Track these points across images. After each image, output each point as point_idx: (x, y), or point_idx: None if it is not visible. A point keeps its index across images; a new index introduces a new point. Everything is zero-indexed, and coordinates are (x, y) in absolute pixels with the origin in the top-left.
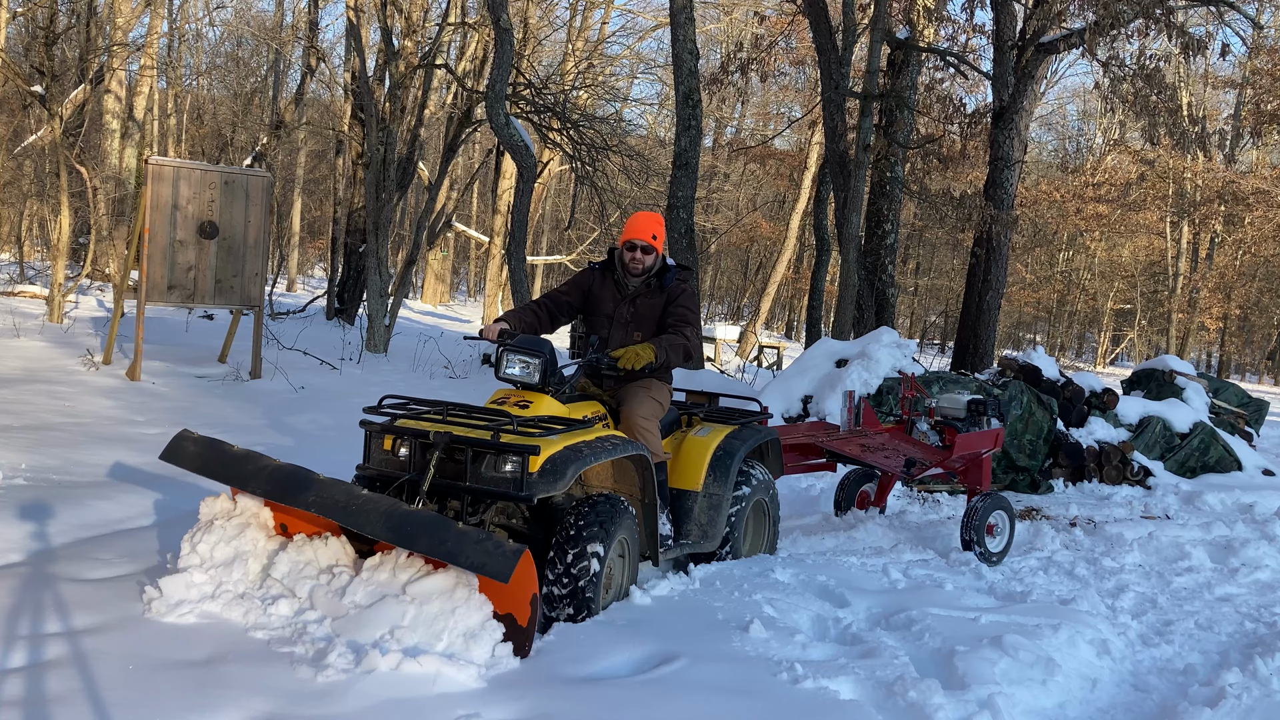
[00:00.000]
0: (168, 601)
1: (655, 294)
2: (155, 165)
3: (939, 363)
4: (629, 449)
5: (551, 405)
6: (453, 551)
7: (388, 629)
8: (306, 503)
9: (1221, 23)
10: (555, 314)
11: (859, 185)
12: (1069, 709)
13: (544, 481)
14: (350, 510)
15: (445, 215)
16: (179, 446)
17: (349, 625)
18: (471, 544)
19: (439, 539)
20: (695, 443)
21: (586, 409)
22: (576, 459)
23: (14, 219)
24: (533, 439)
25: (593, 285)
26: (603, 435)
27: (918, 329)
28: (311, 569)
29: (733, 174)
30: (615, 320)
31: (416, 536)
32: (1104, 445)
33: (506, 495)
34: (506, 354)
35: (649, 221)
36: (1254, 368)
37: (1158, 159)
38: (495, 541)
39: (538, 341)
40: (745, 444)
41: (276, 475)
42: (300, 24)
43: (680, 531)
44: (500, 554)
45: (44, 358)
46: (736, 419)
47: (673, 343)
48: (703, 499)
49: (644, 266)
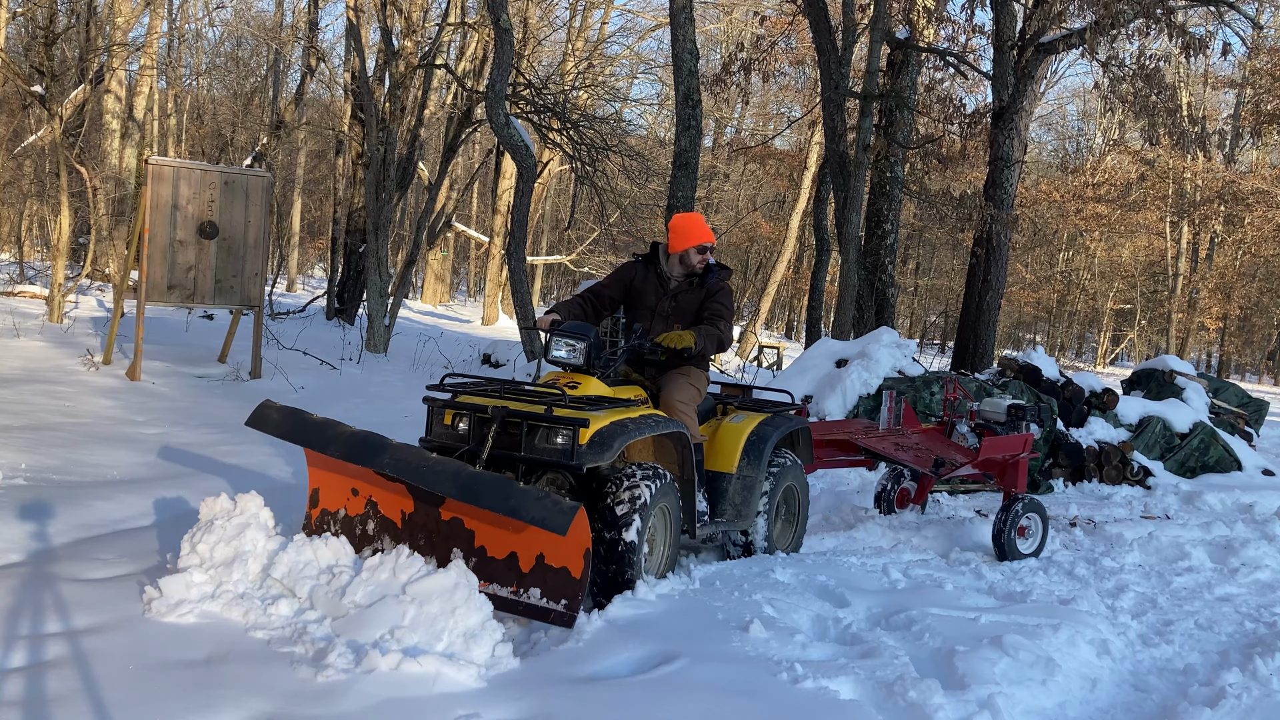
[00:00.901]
0: (168, 601)
1: (696, 290)
2: (155, 165)
3: (939, 363)
4: (670, 426)
5: (598, 386)
6: (515, 507)
7: (388, 629)
8: (381, 464)
9: (1221, 23)
10: (599, 307)
11: (859, 185)
12: (1069, 709)
13: (593, 452)
14: (421, 471)
15: (445, 215)
16: (263, 414)
17: (349, 625)
18: (532, 501)
19: (503, 496)
20: (730, 428)
21: (629, 392)
22: (622, 433)
23: (14, 219)
24: (582, 413)
25: (635, 279)
26: (646, 413)
27: (918, 329)
28: (311, 569)
29: (733, 174)
30: (657, 313)
31: (482, 494)
32: (1104, 445)
33: (558, 465)
34: (554, 338)
35: (704, 224)
36: (1254, 368)
37: (1158, 159)
38: (554, 499)
39: (583, 327)
40: (777, 430)
41: (353, 439)
42: (300, 24)
43: (716, 510)
44: (558, 509)
45: (44, 358)
46: (769, 408)
47: (709, 333)
48: (737, 480)
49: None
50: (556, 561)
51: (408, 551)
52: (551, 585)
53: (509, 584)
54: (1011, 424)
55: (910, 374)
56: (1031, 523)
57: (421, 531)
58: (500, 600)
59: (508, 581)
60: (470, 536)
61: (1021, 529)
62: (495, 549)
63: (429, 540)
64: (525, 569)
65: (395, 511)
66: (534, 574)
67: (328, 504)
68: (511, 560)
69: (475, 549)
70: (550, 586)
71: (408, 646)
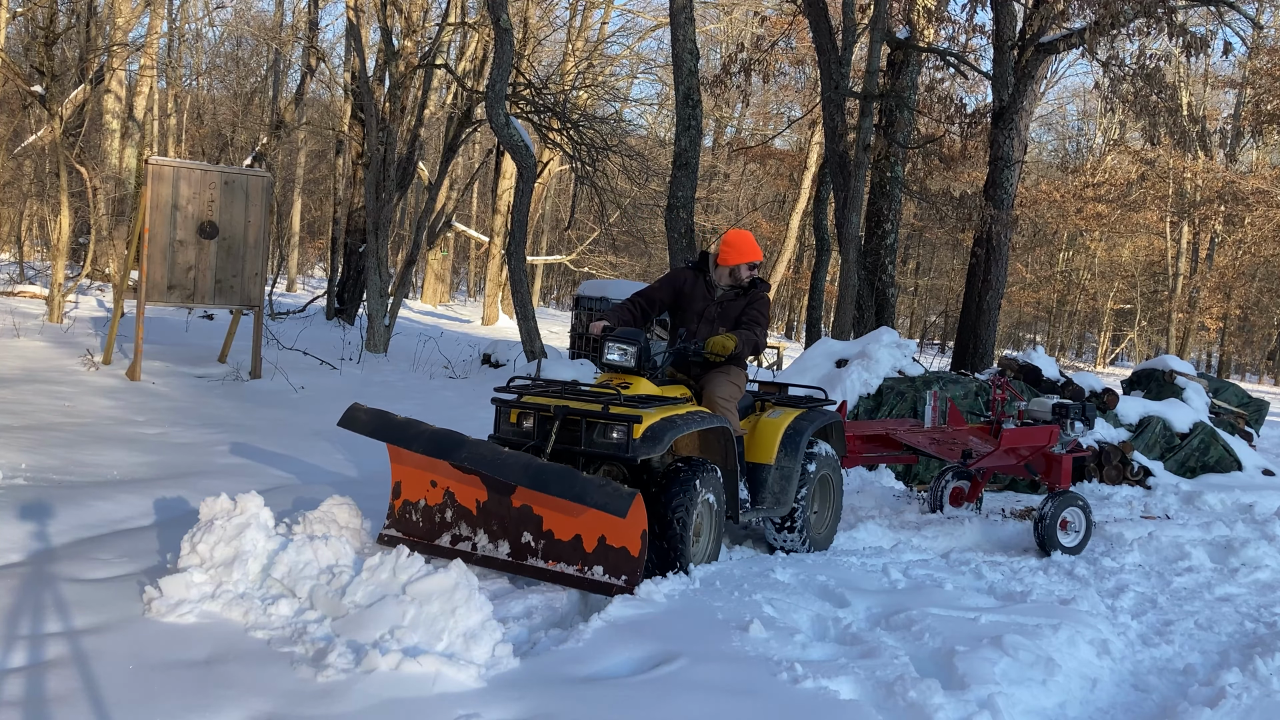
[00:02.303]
0: (168, 601)
1: (739, 299)
2: (155, 165)
3: (939, 363)
4: (714, 421)
5: (647, 386)
6: (581, 493)
7: (388, 629)
8: (460, 458)
9: (1221, 22)
10: (648, 311)
11: (859, 185)
12: (1069, 709)
13: (645, 445)
14: (496, 463)
15: (445, 215)
16: (353, 415)
17: (349, 625)
18: (596, 487)
19: (569, 484)
20: (768, 423)
21: (676, 391)
22: (672, 428)
23: (14, 219)
24: (635, 410)
25: (685, 285)
26: (692, 410)
27: (918, 329)
28: (312, 569)
29: (733, 174)
30: (704, 317)
31: (550, 482)
32: (1104, 445)
33: (615, 457)
34: (608, 343)
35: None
36: (1254, 368)
37: (1158, 159)
38: (614, 486)
39: (634, 333)
40: (812, 424)
41: (435, 436)
42: (300, 24)
43: (756, 499)
44: (619, 495)
45: (44, 358)
46: (804, 404)
47: (747, 338)
48: (775, 471)
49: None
50: (617, 542)
51: (407, 552)
52: (613, 563)
53: (575, 563)
54: (1058, 423)
55: (910, 374)
56: (1075, 518)
57: (495, 518)
58: (567, 578)
59: (574, 561)
60: (539, 521)
61: (1064, 522)
62: (562, 532)
63: (502, 526)
64: (589, 549)
65: (471, 501)
66: (597, 553)
67: (409, 495)
68: (576, 542)
69: (544, 532)
70: (612, 564)
71: (408, 646)
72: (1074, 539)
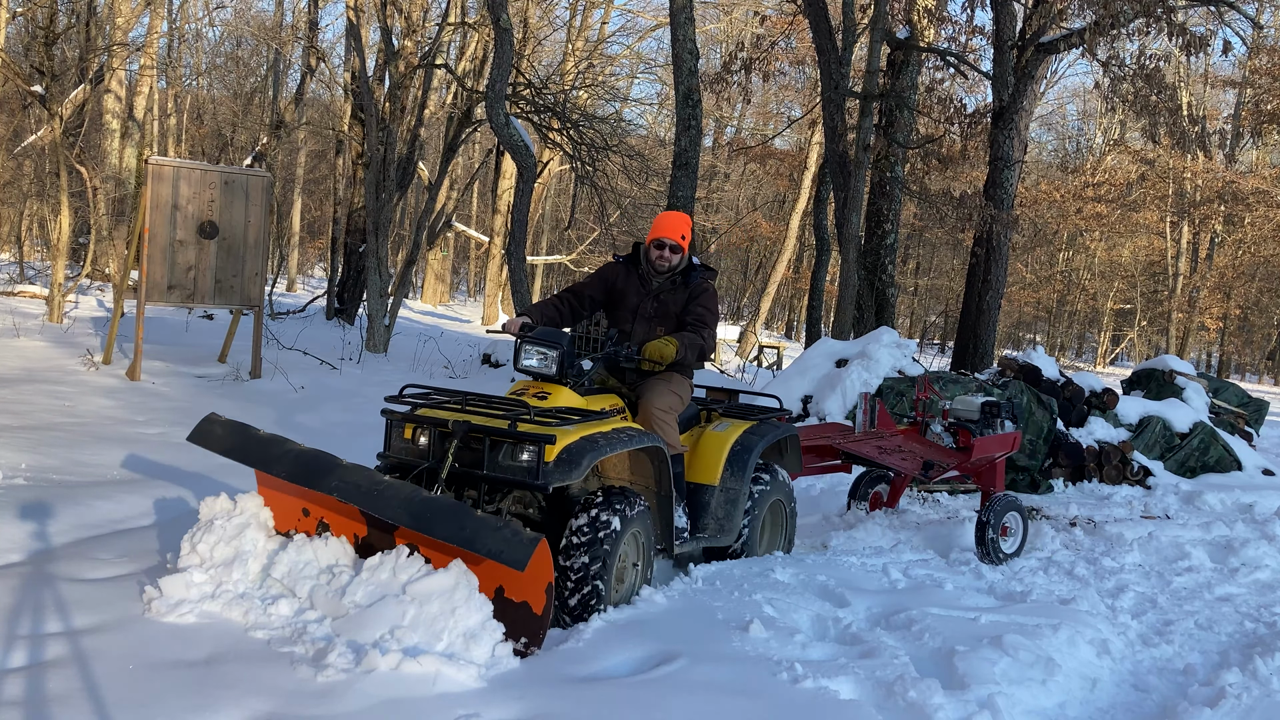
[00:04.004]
0: (168, 601)
1: (679, 290)
2: (155, 165)
3: (939, 363)
4: (644, 440)
5: (569, 397)
6: (470, 538)
7: (388, 629)
8: (329, 487)
9: (1221, 22)
10: (577, 308)
11: (859, 185)
12: (1069, 709)
13: (560, 471)
14: (371, 495)
15: (445, 215)
16: (207, 429)
17: (349, 625)
18: (489, 531)
19: (458, 525)
20: (713, 437)
21: (604, 401)
22: (592, 449)
23: (14, 219)
24: (549, 428)
25: (617, 279)
26: (619, 426)
27: (918, 329)
28: (311, 569)
29: (733, 174)
30: (639, 314)
31: (435, 522)
32: (1104, 445)
33: (522, 484)
34: (525, 346)
35: (678, 221)
36: (1254, 368)
37: (1158, 159)
38: (513, 529)
39: (556, 334)
40: (763, 440)
41: (301, 459)
42: (300, 24)
43: (697, 525)
44: (517, 541)
45: (44, 358)
46: (755, 415)
47: (691, 341)
48: (719, 493)
49: (670, 265)
50: (517, 595)
51: (407, 551)
52: (512, 621)
53: None
54: (986, 422)
55: (910, 374)
56: (1013, 522)
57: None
58: None
59: None
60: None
61: (1004, 529)
62: None
63: None
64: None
65: (349, 535)
66: (494, 609)
67: (278, 524)
68: None
69: None
70: (510, 621)
71: (408, 646)
72: (1013, 543)
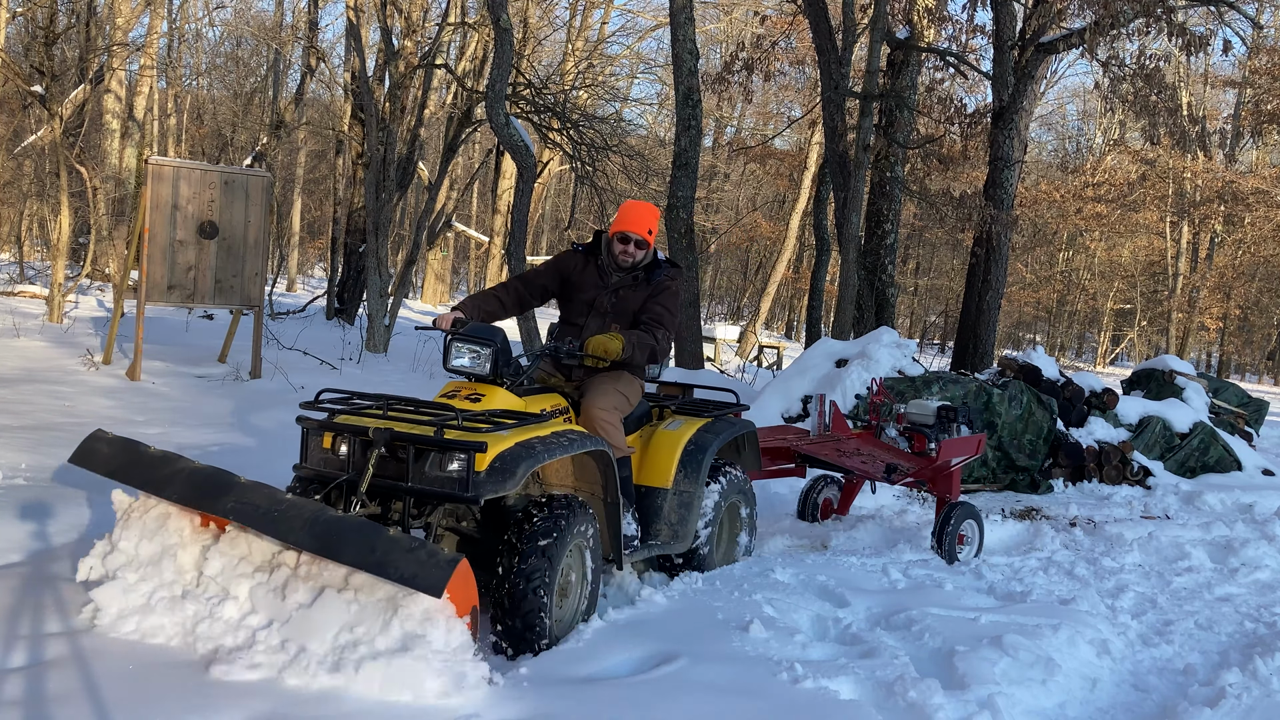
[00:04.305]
0: (108, 614)
1: (640, 287)
2: (155, 165)
3: (939, 363)
4: (587, 444)
5: (505, 398)
6: (381, 561)
7: (337, 629)
8: (225, 509)
9: (1221, 22)
10: (525, 298)
11: (859, 185)
12: (1069, 709)
13: (492, 481)
14: (272, 517)
15: (445, 215)
16: (90, 448)
17: (297, 630)
18: (402, 553)
19: (367, 548)
20: (665, 436)
21: (545, 402)
22: (528, 456)
23: (14, 219)
24: (479, 435)
25: (573, 269)
26: (559, 430)
27: (918, 329)
28: (247, 565)
29: (733, 174)
30: (595, 309)
31: (343, 546)
32: (1104, 445)
33: (451, 496)
34: (454, 344)
35: (645, 214)
36: (1254, 368)
37: (1158, 159)
38: (429, 550)
39: (488, 330)
40: (719, 438)
41: (194, 479)
42: (300, 24)
43: (649, 532)
44: (433, 564)
45: (44, 358)
46: (710, 411)
47: (642, 341)
48: (673, 497)
49: (634, 261)
50: None
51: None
52: None
53: None
54: (941, 426)
55: (910, 374)
56: (970, 531)
57: None
58: None
59: None
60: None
61: (960, 537)
62: None
63: None
64: None
65: None
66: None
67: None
68: None
69: None
70: None
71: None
72: (969, 551)
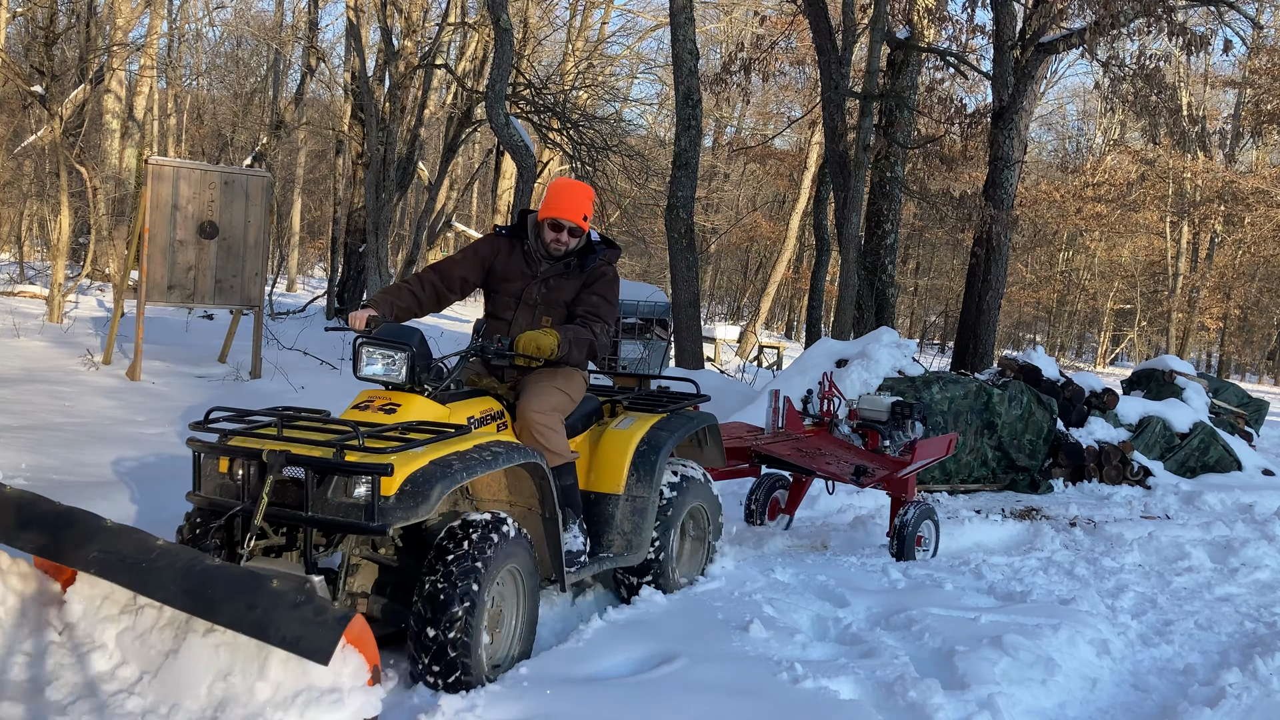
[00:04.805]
0: None
1: (574, 274)
2: (155, 165)
3: (939, 363)
4: (515, 457)
5: (424, 407)
6: (261, 622)
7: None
8: (86, 560)
9: (1221, 22)
10: (443, 291)
11: (859, 185)
12: (1069, 709)
13: (402, 507)
14: (139, 570)
15: (445, 215)
16: None
17: (166, 684)
18: (285, 611)
19: (245, 605)
20: (615, 437)
21: (474, 408)
22: (444, 476)
23: (14, 219)
24: (385, 455)
25: (497, 257)
26: (483, 442)
27: (918, 329)
28: (111, 606)
29: (733, 174)
30: (524, 301)
31: (218, 603)
32: (1104, 445)
33: (354, 527)
34: (364, 348)
35: (579, 197)
36: (1254, 368)
37: (1158, 159)
38: (316, 606)
39: (403, 331)
40: (674, 435)
41: (51, 527)
42: (300, 24)
43: (600, 543)
44: (321, 625)
45: (44, 357)
46: (665, 406)
47: (578, 336)
48: (624, 503)
49: (567, 249)
50: None
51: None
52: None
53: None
54: (895, 423)
55: (910, 374)
56: (928, 532)
57: None
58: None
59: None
60: None
61: (919, 539)
62: None
63: None
64: None
65: None
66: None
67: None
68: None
69: None
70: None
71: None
72: (925, 552)
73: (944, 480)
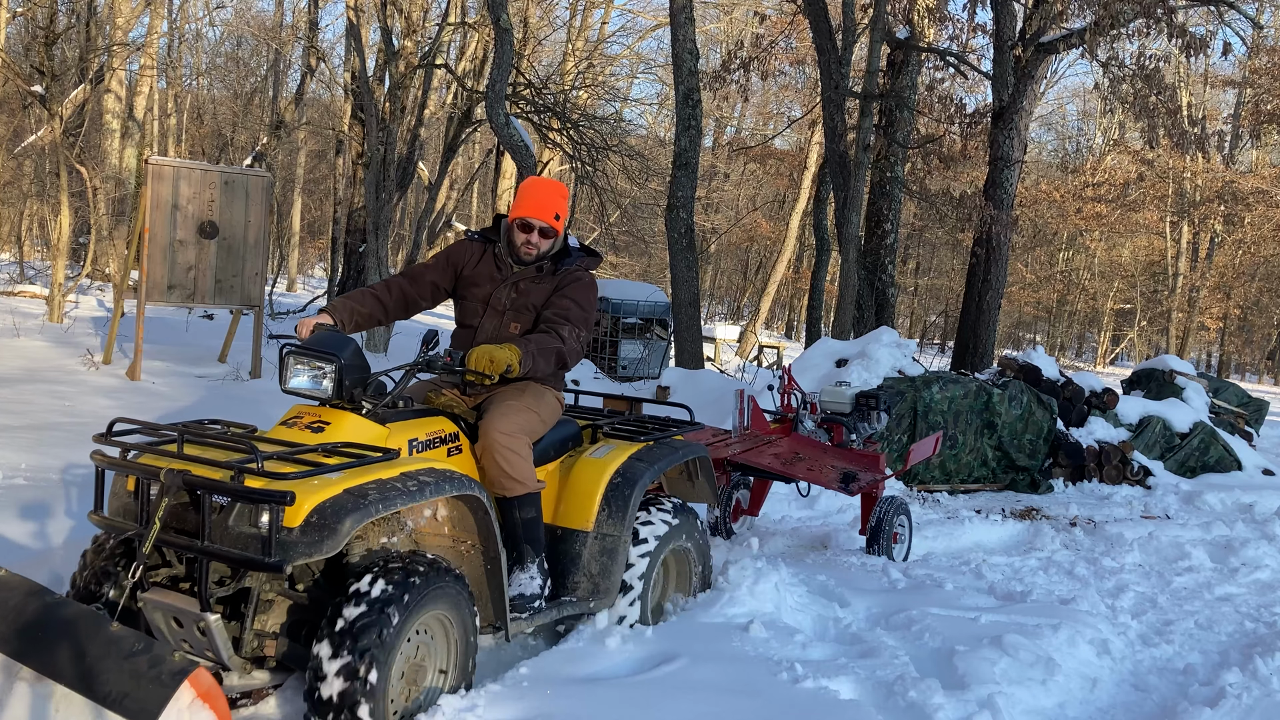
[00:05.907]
0: None
1: (545, 279)
2: (155, 165)
3: (939, 363)
4: (447, 487)
5: (358, 427)
6: (88, 674)
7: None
8: None
9: (1221, 22)
10: (411, 298)
11: (859, 185)
12: (1069, 709)
13: (306, 541)
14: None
15: (445, 215)
16: None
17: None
18: (115, 663)
19: (75, 654)
20: (587, 466)
21: (420, 429)
22: (358, 508)
23: (14, 219)
24: (288, 481)
25: (467, 262)
26: (411, 470)
27: (918, 329)
28: None
29: (733, 174)
30: (490, 306)
31: (47, 650)
32: (1104, 445)
33: (250, 561)
34: (290, 357)
35: (551, 195)
36: (1254, 368)
37: (1157, 159)
38: (152, 657)
39: (335, 341)
40: (654, 467)
41: None
42: (300, 24)
43: (563, 585)
44: (153, 679)
45: (44, 357)
46: (651, 433)
47: (543, 345)
48: (594, 542)
49: (539, 252)
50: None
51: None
52: None
53: None
54: (860, 415)
55: (910, 374)
56: (903, 528)
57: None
58: None
59: None
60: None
61: (895, 535)
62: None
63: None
64: None
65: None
66: None
67: None
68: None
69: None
70: None
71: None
72: (901, 549)
73: (944, 480)
